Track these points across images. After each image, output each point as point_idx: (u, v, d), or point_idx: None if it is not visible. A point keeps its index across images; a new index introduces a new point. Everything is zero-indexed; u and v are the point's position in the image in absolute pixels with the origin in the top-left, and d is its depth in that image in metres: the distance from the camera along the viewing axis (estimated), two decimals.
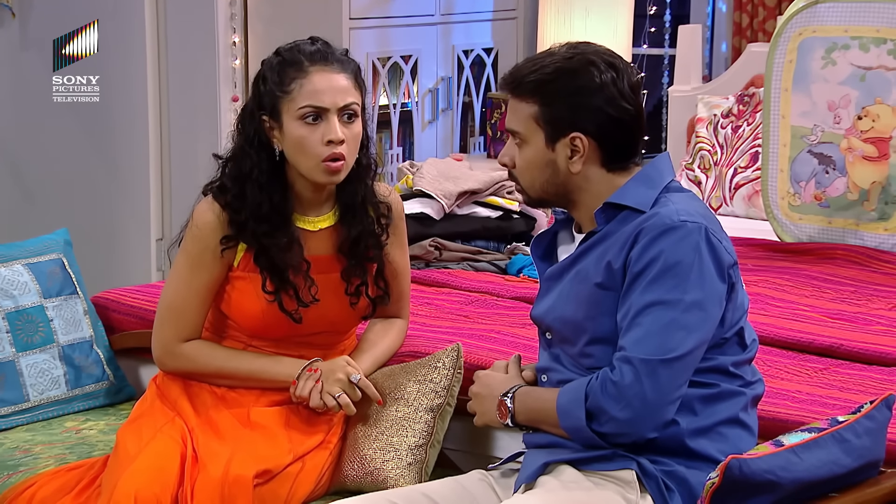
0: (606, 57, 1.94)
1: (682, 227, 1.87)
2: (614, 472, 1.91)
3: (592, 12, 4.15)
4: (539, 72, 1.94)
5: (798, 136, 3.43)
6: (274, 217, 2.21)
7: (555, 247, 2.07)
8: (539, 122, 1.94)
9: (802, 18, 3.44)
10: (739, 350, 1.95)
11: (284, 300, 2.23)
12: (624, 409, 1.86)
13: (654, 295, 1.87)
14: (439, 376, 2.29)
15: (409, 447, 2.25)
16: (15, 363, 2.55)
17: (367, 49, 4.14)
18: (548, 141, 1.95)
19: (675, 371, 1.86)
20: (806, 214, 3.43)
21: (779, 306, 2.85)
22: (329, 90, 2.19)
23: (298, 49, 2.22)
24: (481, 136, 4.68)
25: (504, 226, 3.33)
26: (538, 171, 1.96)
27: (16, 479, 2.28)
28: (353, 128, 2.21)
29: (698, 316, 1.86)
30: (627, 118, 1.94)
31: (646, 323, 1.87)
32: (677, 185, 1.98)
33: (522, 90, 1.95)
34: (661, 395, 1.85)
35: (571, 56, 1.94)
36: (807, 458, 1.82)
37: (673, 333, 1.85)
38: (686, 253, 1.86)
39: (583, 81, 1.92)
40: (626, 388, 1.85)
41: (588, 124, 1.93)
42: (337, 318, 2.30)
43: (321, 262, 2.27)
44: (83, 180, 4.33)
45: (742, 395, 1.95)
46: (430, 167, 3.40)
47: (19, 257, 2.63)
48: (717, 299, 1.88)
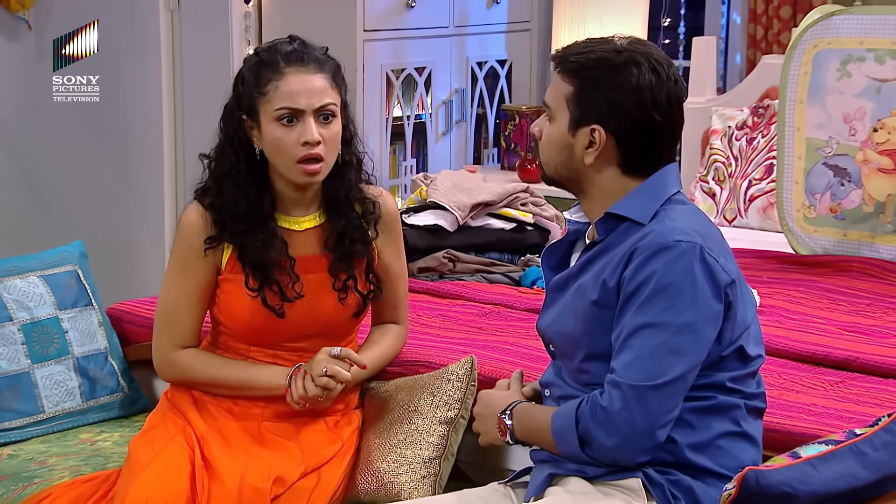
0: (654, 62, 1.92)
1: (675, 246, 1.86)
2: (621, 482, 1.90)
3: (607, 24, 4.15)
4: (585, 55, 1.94)
5: (813, 148, 3.42)
6: (251, 215, 2.22)
7: (570, 257, 2.07)
8: (569, 103, 1.94)
9: (818, 30, 3.43)
10: (740, 365, 1.93)
11: (268, 296, 2.22)
12: (612, 436, 1.85)
13: (646, 317, 1.85)
14: (453, 388, 2.29)
15: (423, 460, 2.24)
16: (30, 374, 2.55)
17: (381, 61, 4.15)
18: (571, 125, 1.94)
19: (664, 396, 1.84)
20: (821, 227, 3.41)
21: (794, 319, 2.84)
22: (304, 92, 2.18)
23: (276, 49, 2.22)
24: (495, 147, 4.68)
25: (518, 238, 3.32)
26: (556, 151, 1.97)
27: (31, 490, 2.28)
28: (330, 128, 2.21)
29: (689, 339, 1.84)
30: (653, 127, 1.92)
31: (636, 346, 1.86)
32: (680, 198, 1.96)
33: (565, 67, 1.95)
34: (650, 420, 1.84)
35: (622, 50, 1.93)
36: (824, 470, 1.81)
37: (663, 358, 1.84)
38: (678, 274, 1.85)
39: (620, 78, 1.91)
40: (614, 414, 1.85)
41: (611, 121, 1.92)
42: (329, 317, 2.28)
43: (308, 261, 2.26)
44: (98, 191, 4.35)
45: (739, 408, 1.93)
46: (444, 179, 3.41)
47: (35, 269, 2.64)
48: (711, 320, 1.86)
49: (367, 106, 4.10)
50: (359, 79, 4.06)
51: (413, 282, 3.14)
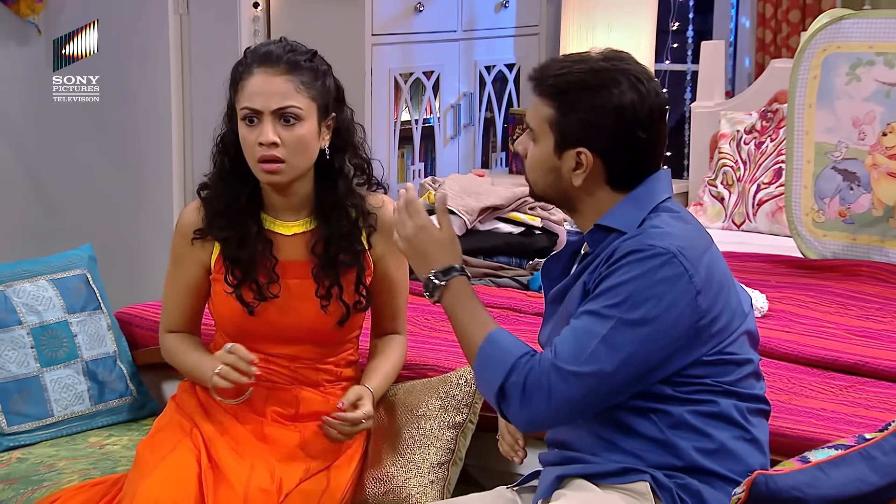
0: (633, 78, 1.89)
1: (647, 250, 1.84)
2: (628, 485, 1.89)
3: (615, 28, 4.15)
4: (563, 77, 1.91)
5: (822, 152, 3.41)
6: (233, 213, 2.24)
7: (570, 268, 2.06)
8: (552, 126, 1.92)
9: (827, 34, 3.42)
10: (734, 369, 1.91)
11: (244, 293, 2.23)
12: (526, 409, 1.84)
13: (595, 306, 1.84)
14: (461, 393, 2.29)
15: (431, 465, 2.24)
16: (39, 378, 2.56)
17: (389, 65, 4.15)
18: (556, 147, 1.92)
19: (587, 385, 1.83)
20: (830, 231, 3.41)
21: (803, 323, 2.83)
22: (263, 93, 2.18)
23: (255, 49, 2.23)
24: (503, 151, 4.68)
25: (526, 242, 3.32)
26: (542, 173, 1.95)
27: (40, 494, 2.29)
28: (293, 131, 2.18)
29: (632, 337, 1.82)
30: (639, 144, 1.90)
31: (576, 328, 1.85)
32: (669, 205, 1.93)
33: (543, 90, 1.93)
34: (566, 401, 1.83)
35: (599, 69, 1.90)
36: (834, 475, 1.80)
37: (596, 347, 1.82)
38: (641, 276, 1.83)
39: (600, 100, 1.88)
40: (534, 388, 1.84)
41: (596, 143, 1.89)
42: (312, 323, 2.26)
43: (294, 266, 2.26)
44: (107, 195, 4.35)
45: (742, 411, 1.91)
46: (453, 183, 3.41)
47: (44, 273, 2.65)
48: (669, 326, 1.83)
49: (375, 110, 4.11)
50: (367, 83, 4.06)
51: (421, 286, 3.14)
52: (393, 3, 4.15)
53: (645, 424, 1.89)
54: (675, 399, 1.88)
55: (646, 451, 1.89)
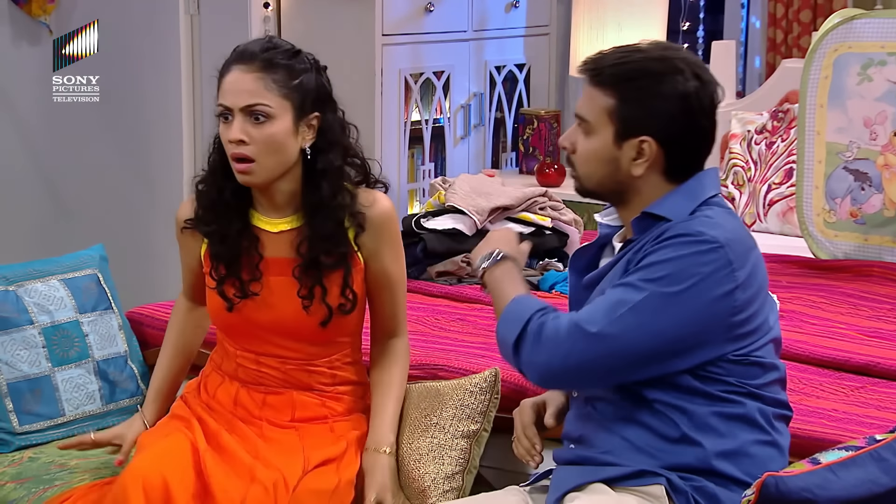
0: (694, 67, 1.91)
1: (696, 235, 1.84)
2: (643, 488, 1.89)
3: (625, 28, 4.14)
4: (624, 65, 1.90)
5: (833, 152, 3.41)
6: (219, 208, 2.24)
7: (598, 261, 2.06)
8: (612, 116, 1.90)
9: (838, 34, 3.41)
10: (761, 372, 1.91)
11: (227, 289, 2.23)
12: (539, 353, 1.86)
13: (630, 278, 1.85)
14: (476, 402, 2.27)
15: (446, 475, 2.23)
16: (51, 378, 2.56)
17: (399, 65, 4.15)
18: (616, 138, 1.91)
19: (606, 348, 1.82)
20: (841, 231, 3.40)
21: (814, 324, 2.83)
22: (232, 90, 2.18)
23: (238, 47, 2.23)
24: (513, 151, 4.68)
25: (536, 242, 3.31)
26: (599, 165, 1.93)
27: (51, 493, 2.30)
28: (262, 129, 2.16)
29: (661, 311, 1.81)
30: (700, 133, 1.92)
31: (606, 296, 1.86)
32: (718, 201, 1.94)
33: (602, 80, 1.91)
34: (581, 361, 1.84)
35: (660, 58, 1.90)
36: (844, 476, 1.80)
37: (623, 313, 1.82)
38: (684, 258, 1.83)
39: (666, 87, 1.88)
40: (551, 336, 1.85)
41: (660, 131, 1.90)
42: (291, 322, 2.23)
43: (279, 264, 2.24)
44: (118, 195, 4.36)
45: (767, 415, 1.92)
46: (463, 183, 3.41)
47: (56, 273, 2.66)
48: (701, 311, 1.82)
49: (385, 110, 4.11)
50: (377, 83, 4.06)
51: (431, 286, 3.15)
52: (403, 3, 4.16)
53: (666, 423, 1.89)
54: (702, 395, 1.88)
55: (664, 450, 1.89)
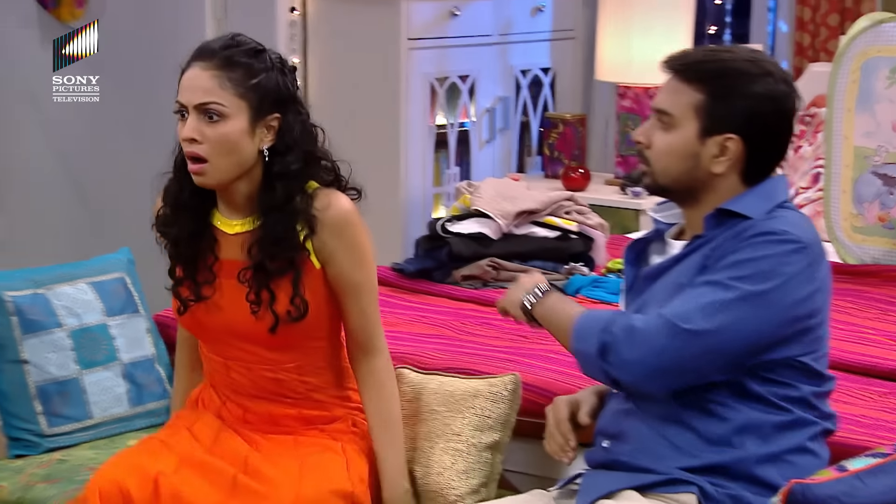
0: (782, 72, 1.94)
1: (781, 234, 1.85)
2: (675, 496, 1.88)
3: (651, 32, 4.13)
4: (715, 63, 1.91)
5: (861, 156, 3.39)
6: (177, 208, 2.22)
7: (647, 254, 2.05)
8: (699, 112, 1.91)
9: (866, 38, 3.40)
10: (819, 382, 1.92)
11: (183, 290, 2.22)
12: (634, 351, 1.83)
13: (716, 276, 1.84)
14: (497, 412, 2.26)
15: (472, 489, 2.23)
16: (79, 380, 2.58)
17: (425, 69, 4.16)
18: (701, 133, 1.91)
19: (702, 345, 1.82)
20: (870, 236, 3.38)
21: (842, 329, 2.81)
22: (188, 87, 2.13)
23: (201, 43, 2.18)
24: (539, 156, 4.67)
25: (562, 246, 3.31)
26: (677, 160, 1.93)
27: None
28: (216, 128, 2.10)
29: (752, 309, 1.81)
30: (783, 136, 1.93)
31: (694, 294, 1.84)
32: (791, 206, 1.96)
33: (692, 75, 1.91)
34: (676, 359, 1.82)
35: (751, 59, 1.92)
36: (872, 484, 1.78)
37: (717, 311, 1.81)
38: (772, 256, 1.83)
39: (757, 87, 1.89)
40: (643, 333, 1.83)
41: (747, 130, 1.90)
42: (242, 327, 2.18)
43: (232, 266, 2.19)
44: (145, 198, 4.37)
45: (815, 425, 1.92)
46: (488, 187, 3.41)
47: (84, 276, 2.68)
48: (786, 309, 1.84)
49: (410, 114, 4.11)
50: (403, 87, 4.07)
51: (457, 290, 3.15)
52: (429, 7, 4.16)
53: (711, 424, 1.88)
54: (755, 398, 1.87)
55: (702, 450, 1.88)
